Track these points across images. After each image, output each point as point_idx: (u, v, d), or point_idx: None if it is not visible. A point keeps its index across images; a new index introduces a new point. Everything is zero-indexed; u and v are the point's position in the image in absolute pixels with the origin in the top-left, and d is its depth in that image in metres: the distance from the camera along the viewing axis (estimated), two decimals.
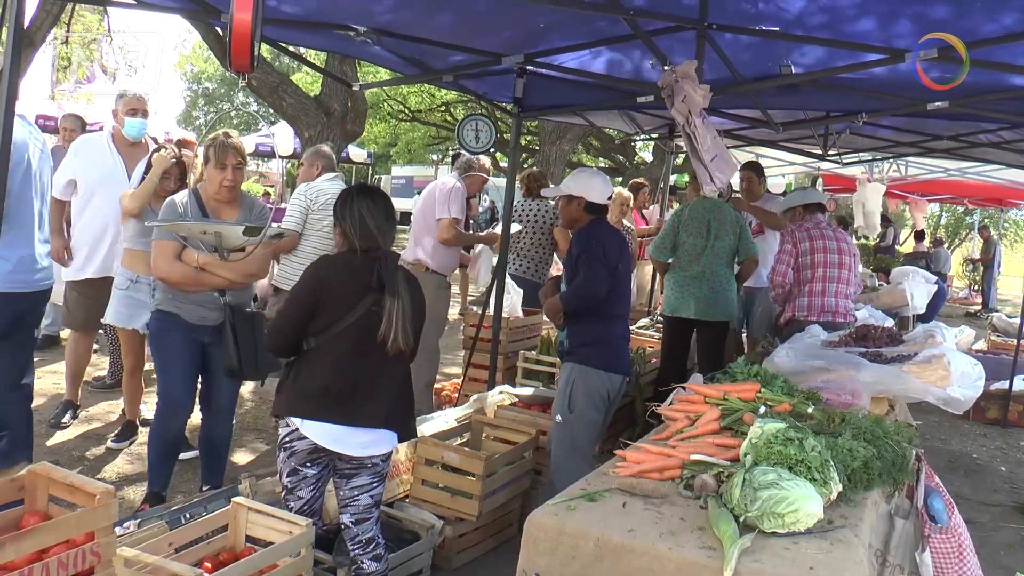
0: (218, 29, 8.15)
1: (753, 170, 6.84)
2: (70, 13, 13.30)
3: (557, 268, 5.96)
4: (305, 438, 2.88)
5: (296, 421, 2.89)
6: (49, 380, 6.27)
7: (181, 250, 3.71)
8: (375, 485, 3.07)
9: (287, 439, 2.93)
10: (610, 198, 4.22)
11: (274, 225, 4.00)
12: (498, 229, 5.90)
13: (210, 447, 4.13)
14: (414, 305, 2.99)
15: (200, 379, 4.03)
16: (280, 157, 18.51)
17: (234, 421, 5.54)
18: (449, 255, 5.69)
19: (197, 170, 4.90)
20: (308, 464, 2.96)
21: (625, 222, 7.61)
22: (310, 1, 4.12)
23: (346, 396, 2.89)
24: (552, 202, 6.59)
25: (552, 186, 5.43)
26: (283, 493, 3.05)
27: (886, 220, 15.50)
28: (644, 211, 9.23)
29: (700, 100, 3.76)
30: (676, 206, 12.55)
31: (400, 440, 3.10)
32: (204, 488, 4.08)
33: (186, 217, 3.72)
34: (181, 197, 3.84)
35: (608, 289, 3.94)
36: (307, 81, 18.24)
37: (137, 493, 4.30)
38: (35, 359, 6.68)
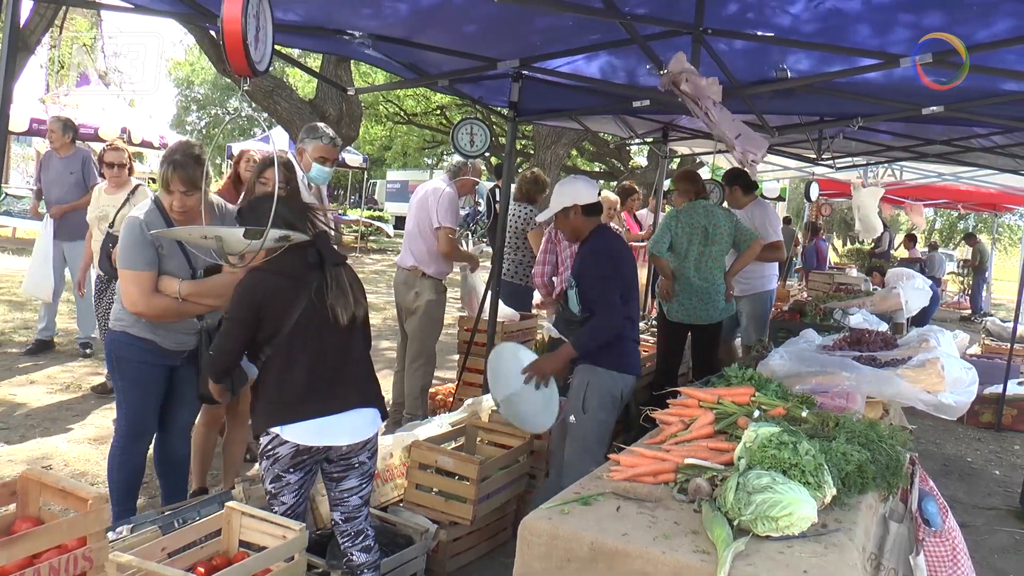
0: (212, 33, 8.15)
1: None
2: (63, 17, 13.25)
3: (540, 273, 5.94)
4: (286, 443, 2.86)
5: (276, 429, 2.88)
6: (42, 385, 6.26)
7: (157, 280, 3.40)
8: (364, 486, 3.11)
9: (268, 447, 2.92)
10: (599, 193, 4.21)
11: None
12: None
13: (172, 468, 3.87)
14: (350, 273, 3.05)
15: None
16: None
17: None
18: (444, 260, 5.68)
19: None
20: (291, 470, 2.95)
21: (614, 225, 7.60)
22: (302, 12, 4.13)
23: (318, 389, 2.89)
24: (530, 207, 6.62)
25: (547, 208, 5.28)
26: (267, 499, 3.04)
27: (882, 225, 15.52)
28: (637, 214, 9.21)
29: (705, 86, 3.67)
30: (669, 209, 12.53)
31: (383, 418, 3.10)
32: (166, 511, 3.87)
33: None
34: (142, 213, 3.43)
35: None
36: (301, 83, 18.22)
37: None
38: (28, 363, 6.74)
